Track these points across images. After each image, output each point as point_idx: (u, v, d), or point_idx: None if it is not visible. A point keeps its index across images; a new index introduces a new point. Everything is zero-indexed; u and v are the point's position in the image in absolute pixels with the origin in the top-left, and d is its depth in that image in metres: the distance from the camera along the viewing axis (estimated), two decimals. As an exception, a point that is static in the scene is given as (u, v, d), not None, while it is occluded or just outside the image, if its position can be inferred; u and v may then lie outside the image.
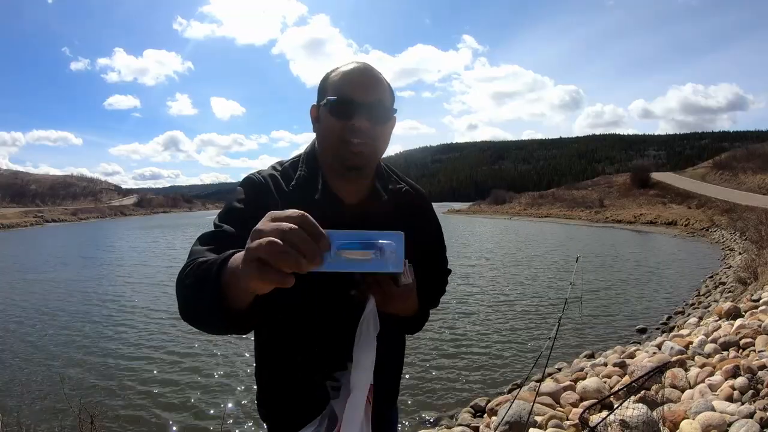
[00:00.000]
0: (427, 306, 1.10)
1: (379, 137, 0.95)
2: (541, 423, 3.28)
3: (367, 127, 0.92)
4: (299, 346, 1.01)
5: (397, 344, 1.14)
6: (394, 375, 1.14)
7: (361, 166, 0.95)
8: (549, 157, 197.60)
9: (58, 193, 71.58)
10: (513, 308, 8.57)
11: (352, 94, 0.91)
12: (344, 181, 0.99)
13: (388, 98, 0.97)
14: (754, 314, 4.87)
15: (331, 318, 0.97)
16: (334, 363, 0.96)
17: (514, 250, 18.12)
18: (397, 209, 1.02)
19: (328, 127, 0.94)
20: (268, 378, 1.09)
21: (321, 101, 0.96)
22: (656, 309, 8.46)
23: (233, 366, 5.84)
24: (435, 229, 1.15)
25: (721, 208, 24.43)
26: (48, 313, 8.65)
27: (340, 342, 0.94)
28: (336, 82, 0.94)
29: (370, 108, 0.92)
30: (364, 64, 0.96)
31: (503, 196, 56.85)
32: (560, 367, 5.25)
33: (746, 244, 13.81)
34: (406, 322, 1.04)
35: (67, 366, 5.85)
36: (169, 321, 7.99)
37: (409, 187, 1.08)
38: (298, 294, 0.83)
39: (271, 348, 1.06)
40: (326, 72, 0.99)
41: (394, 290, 0.89)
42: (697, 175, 42.94)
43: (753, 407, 2.75)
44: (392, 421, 1.21)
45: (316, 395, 0.97)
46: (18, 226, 39.60)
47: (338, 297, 0.94)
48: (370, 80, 0.94)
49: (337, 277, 0.69)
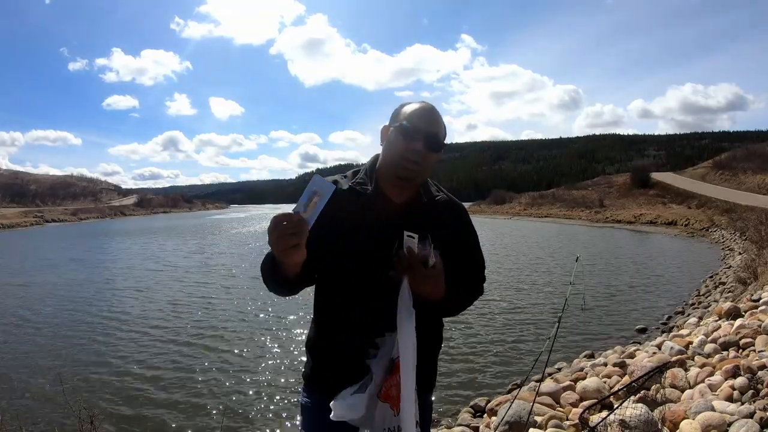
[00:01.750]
0: (454, 298, 1.24)
1: (429, 161, 1.21)
2: (541, 423, 3.28)
3: (421, 150, 1.17)
4: (348, 312, 1.23)
5: (433, 335, 1.32)
6: (429, 361, 1.30)
7: (410, 178, 1.20)
8: (549, 157, 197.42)
9: (58, 193, 71.48)
10: (513, 308, 8.58)
11: (419, 124, 1.18)
12: (394, 187, 1.24)
13: (442, 134, 1.23)
14: (754, 314, 4.86)
15: (374, 292, 1.19)
16: (375, 330, 1.19)
17: (514, 250, 18.12)
18: (436, 211, 1.26)
19: (394, 145, 1.20)
20: (315, 343, 1.32)
21: (393, 124, 1.23)
22: (656, 309, 8.46)
23: (233, 366, 5.85)
24: (468, 234, 1.34)
25: (721, 208, 24.44)
26: (48, 314, 8.66)
27: (380, 313, 1.17)
28: (408, 114, 1.20)
29: (428, 137, 1.18)
30: (431, 105, 1.24)
31: (503, 196, 56.83)
32: (560, 367, 5.24)
33: (746, 244, 13.81)
34: (436, 307, 1.21)
35: (67, 366, 5.85)
36: (169, 321, 8.00)
37: (448, 198, 1.32)
38: (361, 267, 1.19)
39: (325, 312, 1.30)
40: (401, 103, 1.26)
41: (424, 271, 1.09)
42: (697, 175, 42.93)
43: (753, 407, 2.74)
44: (427, 407, 1.35)
45: (356, 356, 1.19)
46: (18, 226, 39.58)
47: (380, 276, 1.17)
48: (432, 117, 1.21)
49: (382, 260, 1.14)
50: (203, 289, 10.94)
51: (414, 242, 1.08)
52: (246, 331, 7.34)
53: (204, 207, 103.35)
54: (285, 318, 7.98)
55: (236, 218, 54.28)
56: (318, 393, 1.29)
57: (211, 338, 6.96)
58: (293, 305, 8.41)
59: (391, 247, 1.14)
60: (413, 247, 1.08)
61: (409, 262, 1.08)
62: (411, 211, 1.23)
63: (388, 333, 1.16)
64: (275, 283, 1.17)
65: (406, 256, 1.08)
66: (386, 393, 1.14)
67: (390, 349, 1.16)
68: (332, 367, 1.26)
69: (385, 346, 1.17)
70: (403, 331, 1.11)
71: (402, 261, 1.09)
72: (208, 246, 22.04)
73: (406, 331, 1.11)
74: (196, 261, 16.20)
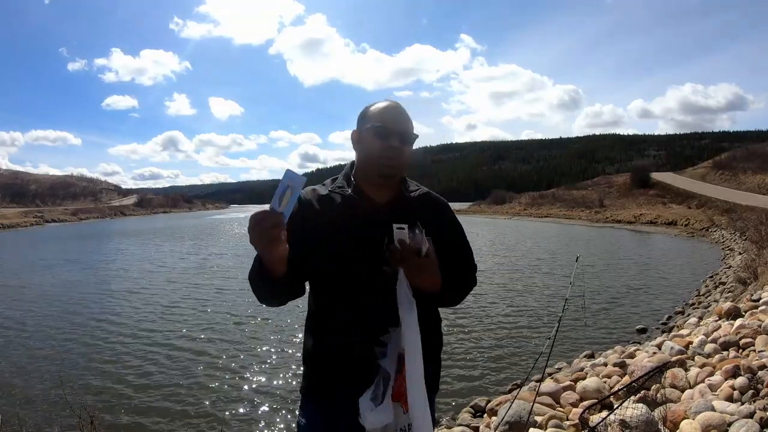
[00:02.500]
0: (450, 287, 1.24)
1: (405, 154, 1.25)
2: (541, 423, 3.28)
3: (398, 146, 1.23)
4: (346, 311, 1.21)
5: (433, 329, 1.31)
6: (433, 360, 1.31)
7: (392, 174, 1.25)
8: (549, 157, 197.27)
9: (58, 193, 71.50)
10: (513, 308, 8.58)
11: (389, 123, 1.23)
12: (375, 186, 1.27)
13: (412, 128, 1.29)
14: (754, 314, 4.86)
15: (368, 291, 1.19)
16: (378, 328, 1.17)
17: (514, 250, 18.12)
18: (417, 207, 1.27)
19: (370, 145, 1.24)
20: (314, 343, 1.28)
21: (362, 126, 1.27)
22: (656, 309, 8.46)
23: (234, 366, 5.85)
24: (454, 226, 1.36)
25: (721, 208, 24.43)
26: (48, 314, 8.67)
27: (380, 310, 1.16)
28: (376, 114, 1.25)
29: (401, 133, 1.24)
30: (396, 102, 1.29)
31: (503, 196, 56.85)
32: (560, 367, 5.24)
33: (746, 244, 13.81)
34: (434, 297, 1.21)
35: (67, 366, 5.86)
36: (168, 322, 8.01)
37: (428, 192, 1.35)
38: (343, 268, 1.19)
39: (321, 314, 1.27)
40: (365, 106, 1.30)
41: (418, 261, 1.09)
42: (697, 175, 42.92)
43: (753, 407, 2.74)
44: (431, 409, 1.29)
45: (361, 359, 1.17)
46: (18, 226, 39.59)
47: (374, 271, 1.17)
48: (401, 113, 1.27)
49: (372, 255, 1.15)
50: (203, 290, 10.93)
51: (404, 233, 1.07)
52: (247, 332, 7.34)
53: (204, 207, 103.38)
54: (286, 319, 7.97)
55: (236, 218, 54.25)
56: (320, 406, 1.26)
57: (211, 340, 6.96)
58: (293, 306, 8.39)
59: (381, 245, 1.13)
60: (404, 238, 1.07)
61: (402, 254, 1.08)
62: (395, 208, 1.25)
63: (392, 328, 1.15)
64: (263, 288, 1.16)
65: (399, 249, 1.08)
66: (397, 392, 1.12)
67: (397, 343, 1.14)
68: (337, 373, 1.22)
69: (392, 342, 1.15)
70: (406, 323, 1.10)
71: (395, 254, 1.09)
72: (206, 247, 22.03)
73: (409, 322, 1.09)
74: (193, 262, 16.18)
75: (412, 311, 1.10)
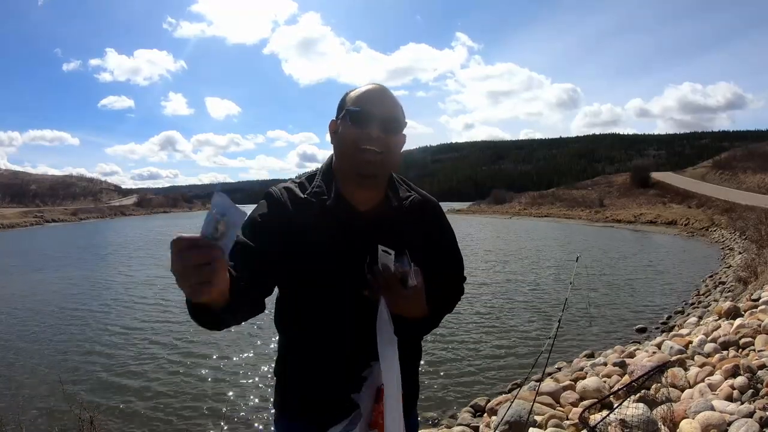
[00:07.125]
0: (438, 310, 1.13)
1: (390, 146, 1.03)
2: (540, 423, 3.28)
3: (379, 135, 1.00)
4: (324, 345, 1.05)
5: (412, 349, 1.15)
6: (410, 378, 1.15)
7: (374, 173, 1.02)
8: (549, 157, 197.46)
9: (58, 193, 71.43)
10: (513, 308, 8.57)
11: (369, 107, 1.01)
12: (358, 190, 1.05)
13: (399, 114, 1.06)
14: (753, 314, 4.86)
15: (350, 318, 1.03)
16: (358, 361, 1.03)
17: (514, 250, 18.11)
18: (407, 216, 1.09)
19: (345, 135, 1.02)
20: (290, 376, 1.12)
21: (340, 115, 1.06)
22: (656, 308, 8.45)
23: (234, 367, 5.85)
24: (447, 236, 1.20)
25: (721, 208, 24.40)
26: (48, 314, 8.65)
27: (361, 342, 1.01)
28: (354, 98, 1.04)
29: (384, 119, 1.01)
30: (379, 84, 1.07)
31: (503, 196, 56.80)
32: (560, 367, 5.24)
33: (746, 244, 13.80)
34: (416, 326, 1.08)
35: (67, 366, 5.85)
36: (168, 322, 8.00)
37: (421, 197, 1.14)
38: (320, 299, 1.01)
39: (297, 347, 1.11)
40: (345, 92, 1.08)
41: (402, 292, 0.97)
42: (697, 175, 42.90)
43: (752, 407, 2.74)
44: (413, 425, 1.20)
45: (340, 391, 1.03)
46: (18, 226, 39.56)
47: (353, 299, 1.01)
48: (384, 96, 1.04)
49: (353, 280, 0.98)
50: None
51: (390, 259, 0.96)
52: (249, 333, 7.33)
53: (204, 207, 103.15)
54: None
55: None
56: (294, 423, 1.13)
57: (213, 339, 6.95)
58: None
59: (361, 264, 0.99)
60: (389, 265, 0.96)
61: (385, 280, 0.97)
62: (381, 220, 1.06)
63: (373, 362, 1.01)
64: (205, 324, 0.87)
65: (382, 274, 0.96)
66: (375, 421, 1.04)
67: (376, 378, 1.02)
68: (314, 402, 1.08)
69: (371, 377, 1.03)
70: (385, 359, 0.97)
71: (377, 279, 0.97)
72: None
73: (389, 359, 0.98)
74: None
75: (392, 346, 0.98)
